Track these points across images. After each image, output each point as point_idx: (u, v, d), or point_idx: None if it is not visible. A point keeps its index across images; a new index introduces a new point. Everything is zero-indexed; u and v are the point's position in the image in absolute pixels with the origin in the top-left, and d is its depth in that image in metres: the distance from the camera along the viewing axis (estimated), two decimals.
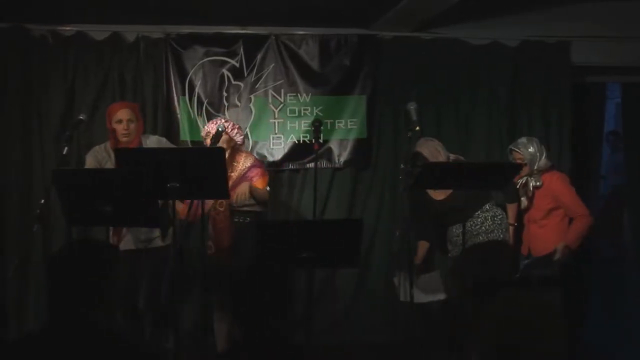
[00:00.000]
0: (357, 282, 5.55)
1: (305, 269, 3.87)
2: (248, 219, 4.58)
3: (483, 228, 4.67)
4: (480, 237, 4.65)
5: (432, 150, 4.68)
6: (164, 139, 4.84)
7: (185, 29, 5.42)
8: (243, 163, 4.65)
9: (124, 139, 4.48)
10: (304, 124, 5.51)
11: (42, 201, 4.18)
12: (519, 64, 5.69)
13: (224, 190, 3.73)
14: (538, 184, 4.80)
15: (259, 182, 4.60)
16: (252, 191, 4.52)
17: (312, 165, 5.26)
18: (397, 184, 5.34)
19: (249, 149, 5.43)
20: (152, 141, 4.67)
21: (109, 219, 3.56)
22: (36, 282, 5.19)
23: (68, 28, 5.32)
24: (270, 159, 5.50)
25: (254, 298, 2.61)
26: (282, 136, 5.52)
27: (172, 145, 4.91)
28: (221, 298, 4.55)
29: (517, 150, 4.85)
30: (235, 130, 4.64)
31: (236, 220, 4.56)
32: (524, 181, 4.82)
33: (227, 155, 4.52)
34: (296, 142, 5.53)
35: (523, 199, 4.86)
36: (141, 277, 4.55)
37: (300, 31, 5.53)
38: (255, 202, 4.58)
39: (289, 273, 2.71)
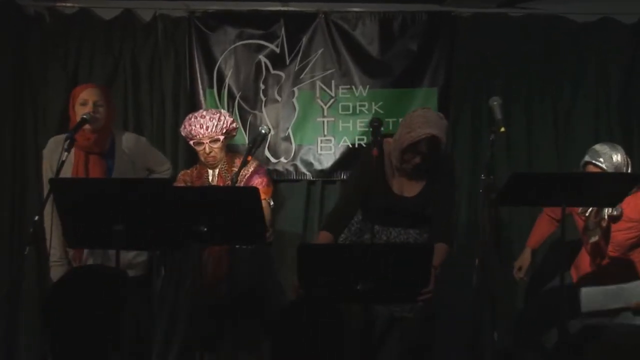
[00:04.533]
0: None
1: (360, 305, 3.84)
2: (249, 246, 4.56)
3: None
4: None
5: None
6: (143, 139, 4.75)
7: (213, 6, 5.47)
8: (246, 168, 4.62)
9: (88, 126, 4.38)
10: (359, 124, 5.53)
11: (37, 217, 4.22)
12: (637, 45, 5.64)
13: (260, 235, 3.87)
14: (616, 213, 4.41)
15: (261, 195, 4.58)
16: None
17: None
18: (477, 199, 5.30)
19: (291, 154, 5.47)
20: (128, 139, 4.59)
21: (120, 241, 3.56)
22: (28, 316, 5.25)
23: (69, 4, 5.41)
24: (317, 166, 5.53)
25: (297, 340, 2.61)
26: (333, 139, 5.55)
27: (152, 148, 4.82)
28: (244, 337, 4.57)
29: (598, 163, 4.43)
30: (231, 126, 4.64)
31: (237, 246, 4.54)
32: (596, 208, 4.49)
33: (224, 157, 4.60)
34: (350, 146, 5.55)
35: (594, 235, 4.51)
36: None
37: (355, 7, 5.55)
38: None
39: (343, 310, 2.71)
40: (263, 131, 4.39)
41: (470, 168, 5.54)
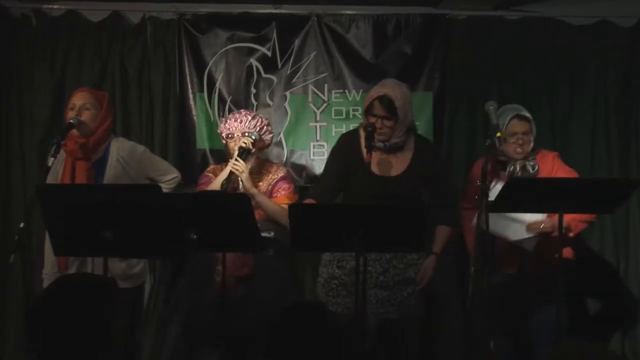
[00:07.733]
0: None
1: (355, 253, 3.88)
2: (271, 251, 4.56)
3: None
4: None
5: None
6: (141, 149, 4.66)
7: (204, 8, 5.48)
8: (274, 173, 4.68)
9: (76, 131, 4.37)
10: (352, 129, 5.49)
11: (22, 224, 4.21)
12: (635, 49, 5.63)
13: (252, 242, 3.86)
14: (535, 169, 4.63)
15: (284, 199, 4.60)
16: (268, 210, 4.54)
17: None
18: None
19: (283, 160, 5.48)
20: (122, 148, 4.54)
21: (110, 249, 3.56)
22: (14, 327, 5.25)
23: (56, 6, 5.42)
24: (310, 172, 5.52)
25: (296, 344, 2.58)
26: (326, 144, 5.53)
27: (154, 157, 4.79)
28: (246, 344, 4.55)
29: (527, 115, 4.64)
30: (265, 128, 4.67)
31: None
32: (519, 167, 4.62)
33: (253, 161, 4.62)
34: None
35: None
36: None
37: (348, 10, 5.56)
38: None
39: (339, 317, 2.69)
40: (253, 136, 4.39)
41: (465, 172, 5.51)
